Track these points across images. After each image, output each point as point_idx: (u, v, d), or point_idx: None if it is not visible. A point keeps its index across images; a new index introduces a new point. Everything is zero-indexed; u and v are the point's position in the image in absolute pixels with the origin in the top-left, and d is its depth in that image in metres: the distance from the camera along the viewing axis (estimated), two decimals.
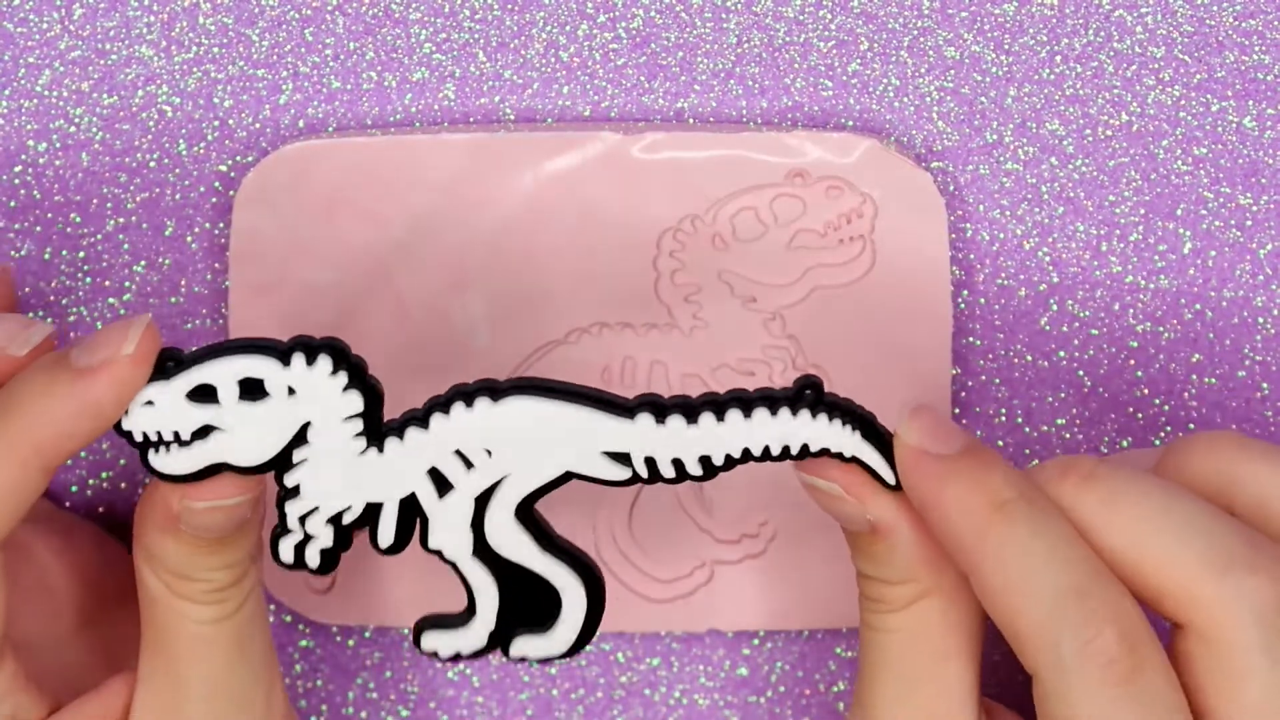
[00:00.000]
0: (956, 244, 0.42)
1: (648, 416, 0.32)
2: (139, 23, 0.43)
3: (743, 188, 0.41)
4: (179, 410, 0.32)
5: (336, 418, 0.32)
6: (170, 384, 0.32)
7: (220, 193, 0.43)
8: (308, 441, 0.32)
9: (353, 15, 0.43)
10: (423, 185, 0.41)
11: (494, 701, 0.43)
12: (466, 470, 0.33)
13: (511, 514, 0.33)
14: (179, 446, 0.32)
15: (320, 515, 0.33)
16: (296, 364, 0.32)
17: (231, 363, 0.32)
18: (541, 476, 0.33)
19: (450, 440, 0.32)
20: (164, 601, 0.34)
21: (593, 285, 0.41)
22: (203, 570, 0.34)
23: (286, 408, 0.32)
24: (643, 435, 0.32)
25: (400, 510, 0.33)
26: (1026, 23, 0.43)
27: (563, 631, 0.33)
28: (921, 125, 0.43)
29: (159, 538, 0.33)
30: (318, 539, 0.33)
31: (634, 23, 0.43)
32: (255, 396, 0.32)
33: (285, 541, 0.33)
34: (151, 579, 0.34)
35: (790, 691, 0.43)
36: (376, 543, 0.33)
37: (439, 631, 0.34)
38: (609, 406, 0.32)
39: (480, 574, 0.33)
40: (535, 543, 0.33)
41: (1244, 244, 0.43)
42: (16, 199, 0.43)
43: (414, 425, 0.32)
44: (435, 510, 0.33)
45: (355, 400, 0.32)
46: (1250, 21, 0.43)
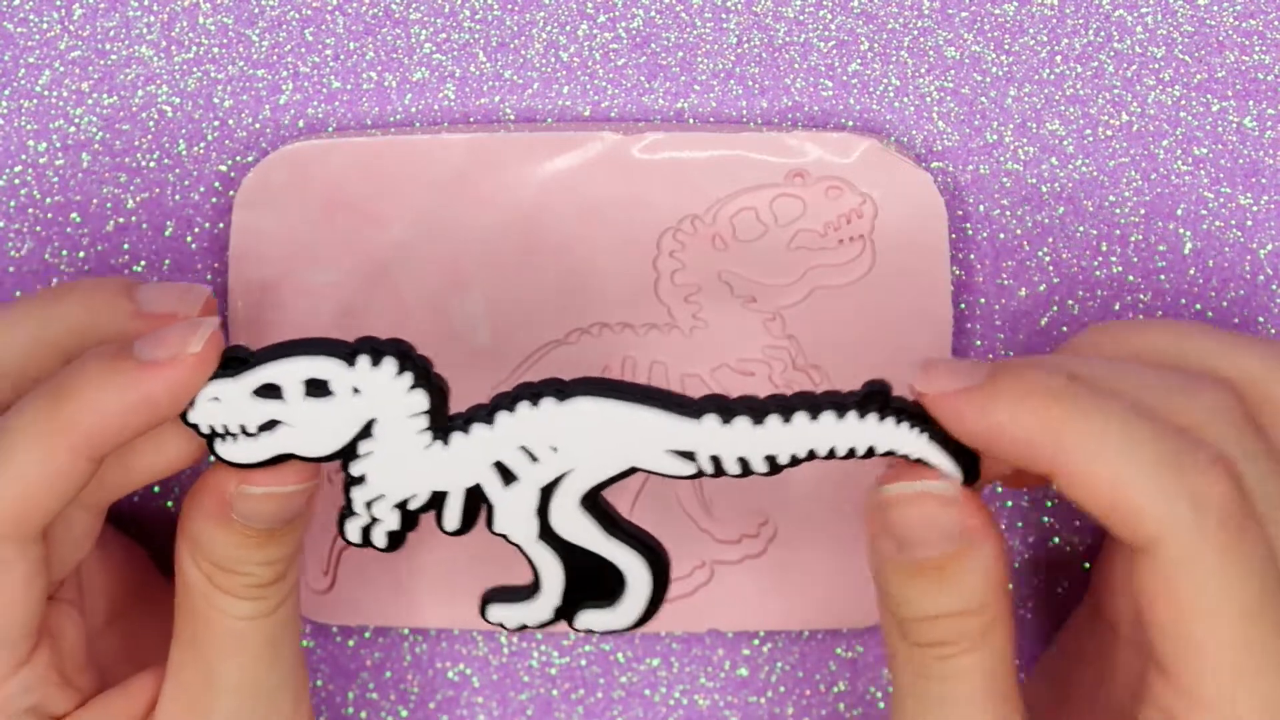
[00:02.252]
0: (956, 244, 0.42)
1: (714, 418, 0.32)
2: (139, 23, 0.43)
3: (743, 188, 0.41)
4: (245, 406, 0.32)
5: (402, 415, 0.33)
6: (236, 382, 0.32)
7: (220, 193, 0.43)
8: (373, 436, 0.33)
9: (353, 15, 0.43)
10: (423, 185, 0.41)
11: (494, 701, 0.43)
12: (531, 463, 0.33)
13: (577, 502, 0.33)
14: (246, 437, 0.33)
15: (386, 502, 0.33)
16: (361, 365, 0.32)
17: (296, 364, 0.32)
18: (606, 472, 0.33)
19: (516, 438, 0.33)
20: (202, 593, 0.34)
21: (593, 285, 0.41)
22: (246, 563, 0.33)
23: (351, 406, 0.32)
24: (709, 436, 0.32)
25: (466, 498, 0.33)
26: (1026, 23, 0.43)
27: (628, 606, 0.34)
28: (921, 125, 0.43)
29: (207, 525, 0.33)
30: (384, 522, 0.33)
31: (634, 23, 0.43)
32: (320, 394, 0.32)
33: (351, 523, 0.34)
34: (192, 569, 0.34)
35: (790, 692, 0.43)
36: (443, 525, 0.33)
37: (505, 604, 0.34)
38: (675, 406, 0.32)
39: (546, 556, 0.34)
40: (600, 528, 0.33)
41: (1244, 244, 0.43)
42: (16, 199, 0.43)
43: (479, 422, 0.33)
44: (500, 499, 0.33)
45: (421, 399, 0.32)
46: (1251, 21, 0.43)
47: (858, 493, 0.41)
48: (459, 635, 0.43)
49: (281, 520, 0.33)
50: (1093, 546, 0.43)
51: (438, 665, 0.43)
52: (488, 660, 0.42)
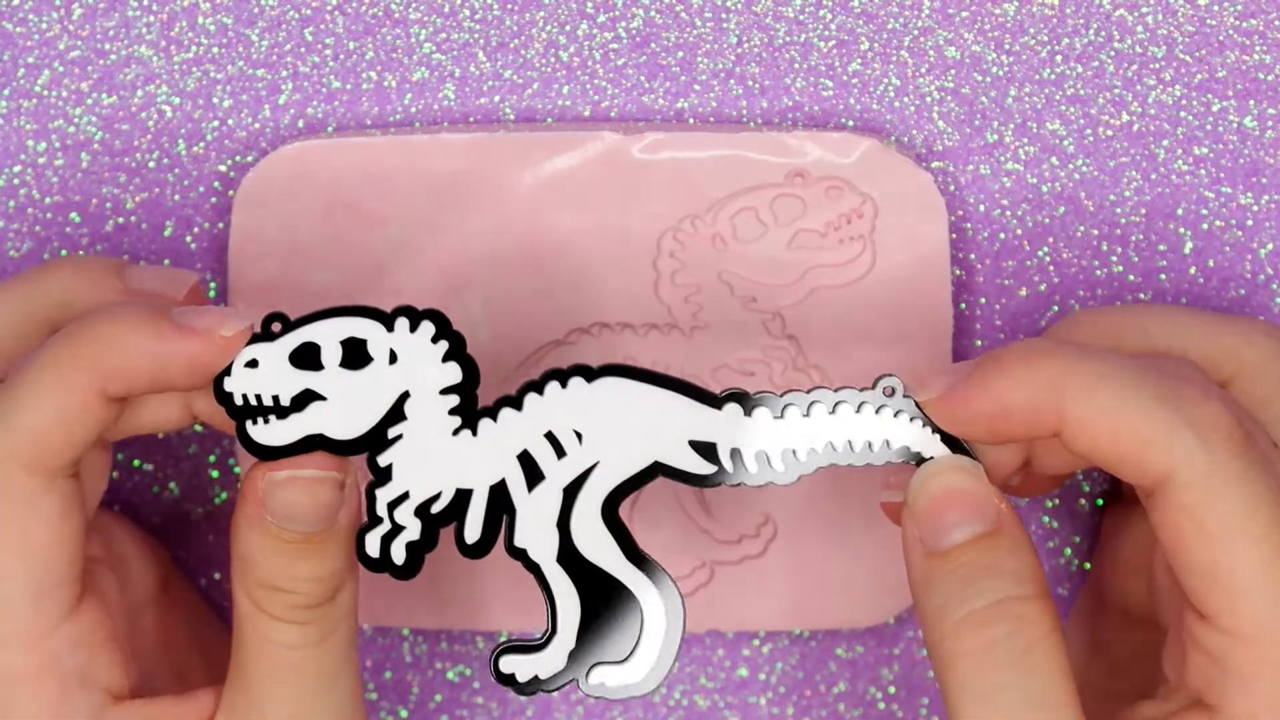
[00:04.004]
0: (956, 244, 0.42)
1: (735, 407, 0.33)
2: (138, 23, 0.43)
3: (743, 188, 0.41)
4: (281, 372, 0.33)
5: (434, 389, 0.33)
6: (276, 344, 0.33)
7: (220, 193, 0.43)
8: (404, 416, 0.33)
9: (352, 15, 0.43)
10: (423, 185, 0.41)
11: (494, 702, 0.43)
12: (557, 458, 0.33)
13: (598, 511, 0.33)
14: (277, 418, 0.33)
15: (410, 503, 0.33)
16: (400, 328, 0.33)
17: (337, 323, 0.33)
18: (630, 466, 0.33)
19: (543, 420, 0.33)
20: (251, 620, 0.34)
21: (592, 285, 0.41)
22: (289, 578, 0.33)
23: (386, 375, 0.33)
24: (729, 425, 0.33)
25: (489, 502, 0.33)
26: (1027, 23, 0.43)
27: (643, 657, 0.33)
28: (921, 125, 0.43)
29: (249, 534, 0.33)
30: (406, 531, 0.33)
31: (634, 23, 0.43)
32: (356, 366, 0.33)
33: (373, 534, 0.33)
34: (242, 597, 0.34)
35: (790, 692, 0.43)
36: (463, 539, 0.33)
37: (517, 655, 0.34)
38: (698, 396, 0.33)
39: (563, 582, 0.33)
40: (620, 548, 0.33)
41: (1244, 244, 0.43)
42: (16, 199, 0.43)
43: (507, 405, 0.33)
44: (524, 503, 0.33)
45: (454, 371, 0.33)
46: (1251, 21, 0.43)
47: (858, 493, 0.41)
48: (459, 635, 0.43)
49: (316, 518, 0.33)
50: (1093, 546, 0.43)
51: (438, 665, 0.43)
52: (488, 661, 0.42)
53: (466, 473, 0.33)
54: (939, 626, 0.32)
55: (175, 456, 0.43)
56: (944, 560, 0.32)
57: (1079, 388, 0.31)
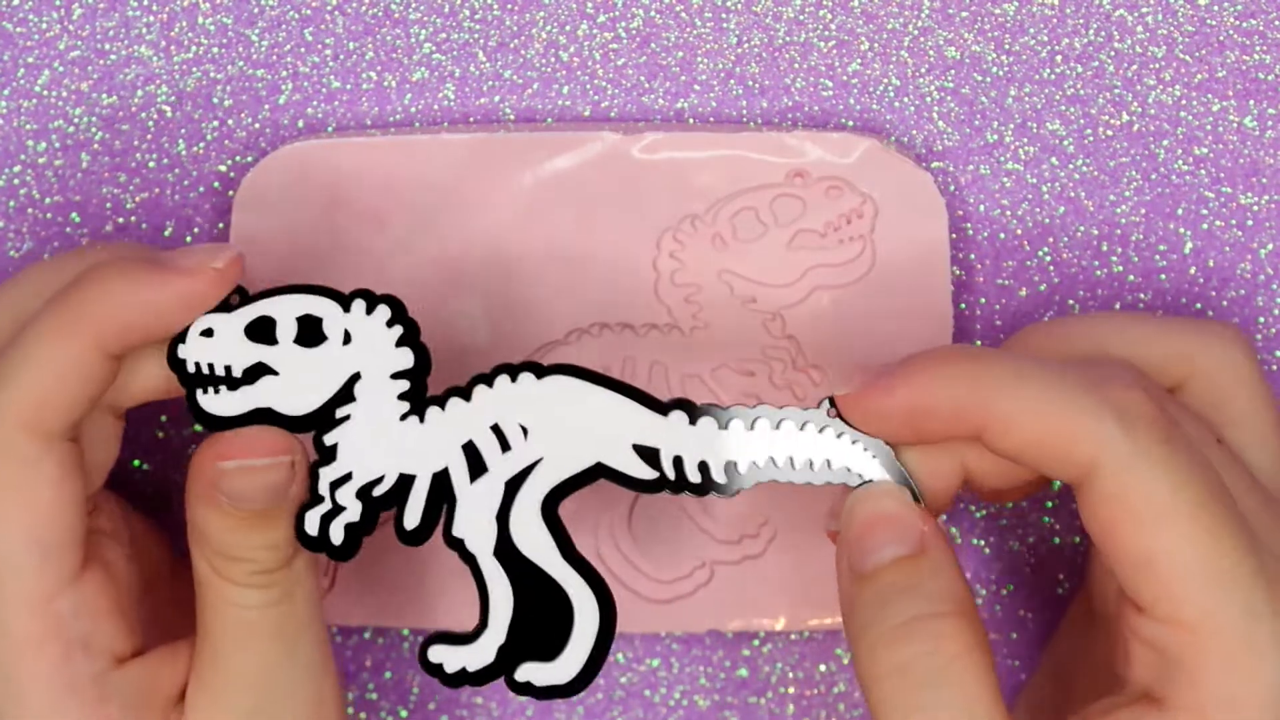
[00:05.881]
0: (956, 244, 0.42)
1: (680, 414, 0.33)
2: (138, 23, 0.43)
3: (743, 188, 0.41)
4: (236, 344, 0.33)
5: (385, 372, 0.33)
6: (232, 316, 0.33)
7: (219, 193, 0.43)
8: (354, 399, 0.33)
9: (352, 15, 0.43)
10: (423, 185, 0.41)
11: (494, 702, 0.43)
12: (501, 451, 0.33)
13: (538, 507, 0.33)
14: (227, 389, 0.33)
15: (352, 484, 0.33)
16: (356, 309, 0.33)
17: (295, 300, 0.33)
18: (573, 465, 0.33)
19: (490, 412, 0.33)
20: (210, 585, 0.34)
21: (593, 285, 0.41)
22: (245, 548, 0.33)
23: (339, 355, 0.33)
24: (673, 432, 0.33)
25: (430, 489, 0.33)
26: (1027, 23, 0.43)
27: (571, 657, 0.33)
28: (921, 125, 0.43)
29: (202, 510, 0.33)
30: (346, 512, 0.33)
31: (634, 23, 0.43)
32: (310, 344, 0.33)
33: (313, 513, 0.33)
34: (200, 562, 0.34)
35: (790, 692, 0.43)
36: (402, 525, 0.33)
37: (446, 645, 0.34)
38: (645, 401, 0.33)
39: (498, 575, 0.33)
40: (556, 547, 0.33)
41: (1244, 244, 0.43)
42: (16, 199, 0.43)
43: (456, 395, 0.33)
44: (465, 493, 0.33)
45: (406, 356, 0.33)
46: (1251, 21, 0.43)
47: None
48: None
49: (267, 499, 0.33)
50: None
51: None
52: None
53: (411, 458, 0.33)
54: (859, 648, 0.32)
55: (178, 457, 0.43)
56: (867, 582, 0.32)
57: (1001, 385, 0.31)
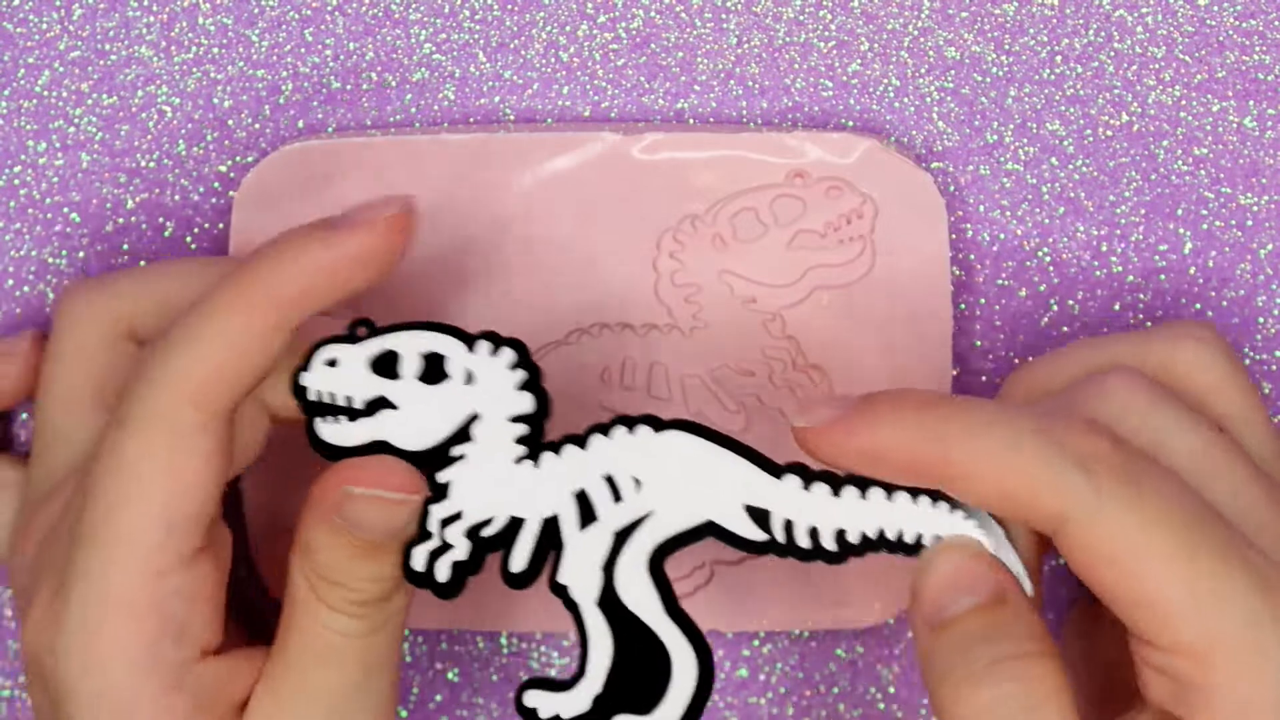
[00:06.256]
0: (956, 244, 0.42)
1: (795, 478, 0.33)
2: (138, 23, 0.43)
3: (743, 188, 0.41)
4: (359, 376, 0.33)
5: (504, 414, 0.33)
6: (358, 347, 0.33)
7: (220, 193, 0.43)
8: (470, 439, 0.33)
9: (352, 15, 0.43)
10: (423, 185, 0.41)
11: (494, 702, 0.43)
12: (613, 501, 0.33)
13: (645, 561, 0.33)
14: (347, 419, 0.33)
15: (461, 523, 0.33)
16: (481, 350, 0.33)
17: (420, 336, 0.33)
18: (683, 520, 0.33)
19: (605, 462, 0.33)
20: (304, 603, 0.34)
21: (593, 285, 0.41)
22: (350, 576, 0.33)
23: (460, 394, 0.33)
24: (786, 495, 0.33)
25: (539, 534, 0.33)
26: (1026, 23, 0.43)
27: (666, 710, 0.33)
28: (921, 125, 0.43)
29: (318, 530, 0.33)
30: (453, 550, 0.33)
31: (634, 23, 0.43)
32: (432, 381, 0.33)
33: (421, 548, 0.33)
34: (299, 579, 0.34)
35: (790, 692, 0.43)
36: (508, 567, 0.33)
37: (542, 691, 0.33)
38: (760, 462, 0.33)
39: (599, 625, 0.33)
40: (661, 602, 0.33)
41: (1244, 244, 0.43)
42: (16, 199, 0.43)
43: (572, 443, 0.33)
44: (573, 540, 0.33)
45: (526, 400, 0.33)
46: (1251, 21, 0.43)
47: None
48: (459, 635, 0.43)
49: (385, 532, 0.33)
50: None
51: (438, 665, 0.43)
52: (488, 660, 0.42)
53: (522, 502, 0.33)
54: (941, 694, 0.32)
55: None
56: (944, 631, 0.32)
57: (960, 436, 0.31)
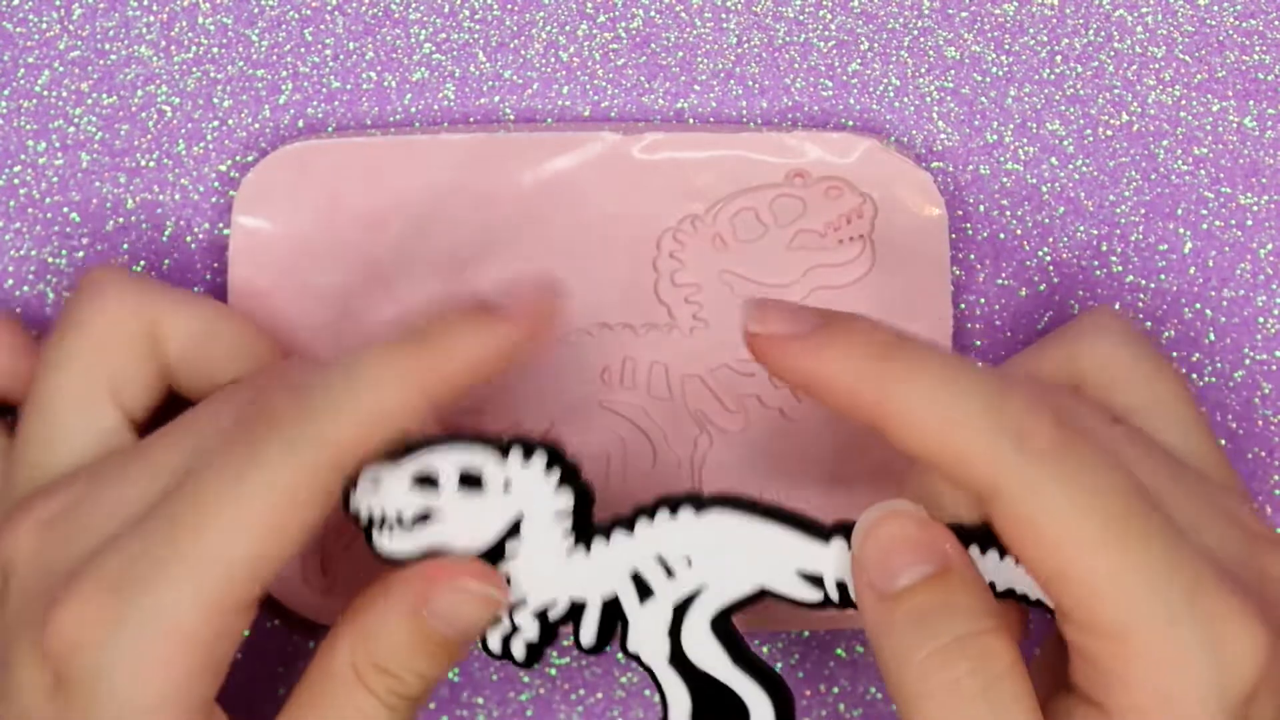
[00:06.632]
0: (956, 244, 0.42)
1: (842, 541, 0.33)
2: (138, 23, 0.43)
3: (743, 188, 0.41)
4: (402, 493, 0.33)
5: (548, 513, 0.34)
6: (398, 467, 0.33)
7: (220, 193, 0.43)
8: (520, 536, 0.34)
9: (352, 15, 0.43)
10: (423, 185, 0.41)
11: (494, 702, 0.43)
12: (667, 577, 0.34)
13: (708, 624, 0.34)
14: (401, 529, 0.33)
15: (527, 609, 0.34)
16: (513, 459, 0.33)
17: (454, 450, 0.33)
18: (738, 591, 0.34)
19: (653, 545, 0.34)
20: (344, 682, 0.33)
21: (593, 285, 0.41)
22: (405, 667, 0.33)
23: (502, 501, 0.33)
24: (837, 559, 0.33)
25: (603, 611, 0.34)
26: (1026, 23, 0.43)
27: None
28: (921, 125, 0.43)
29: (391, 616, 0.33)
30: (524, 631, 0.34)
31: (634, 23, 0.43)
32: (473, 487, 0.33)
33: (494, 633, 0.34)
34: (344, 659, 0.33)
35: None
36: (579, 640, 0.34)
37: None
38: (807, 528, 0.33)
39: (675, 682, 0.34)
40: (728, 655, 0.34)
41: (1244, 244, 0.43)
42: (16, 199, 0.43)
43: (620, 529, 0.34)
44: (636, 614, 0.34)
45: (567, 498, 0.33)
46: (1251, 21, 0.43)
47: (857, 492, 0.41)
48: None
49: (470, 628, 0.33)
50: None
51: None
52: (488, 661, 0.42)
53: (580, 587, 0.34)
54: (900, 669, 0.32)
55: None
56: (896, 603, 0.32)
57: (905, 390, 0.31)
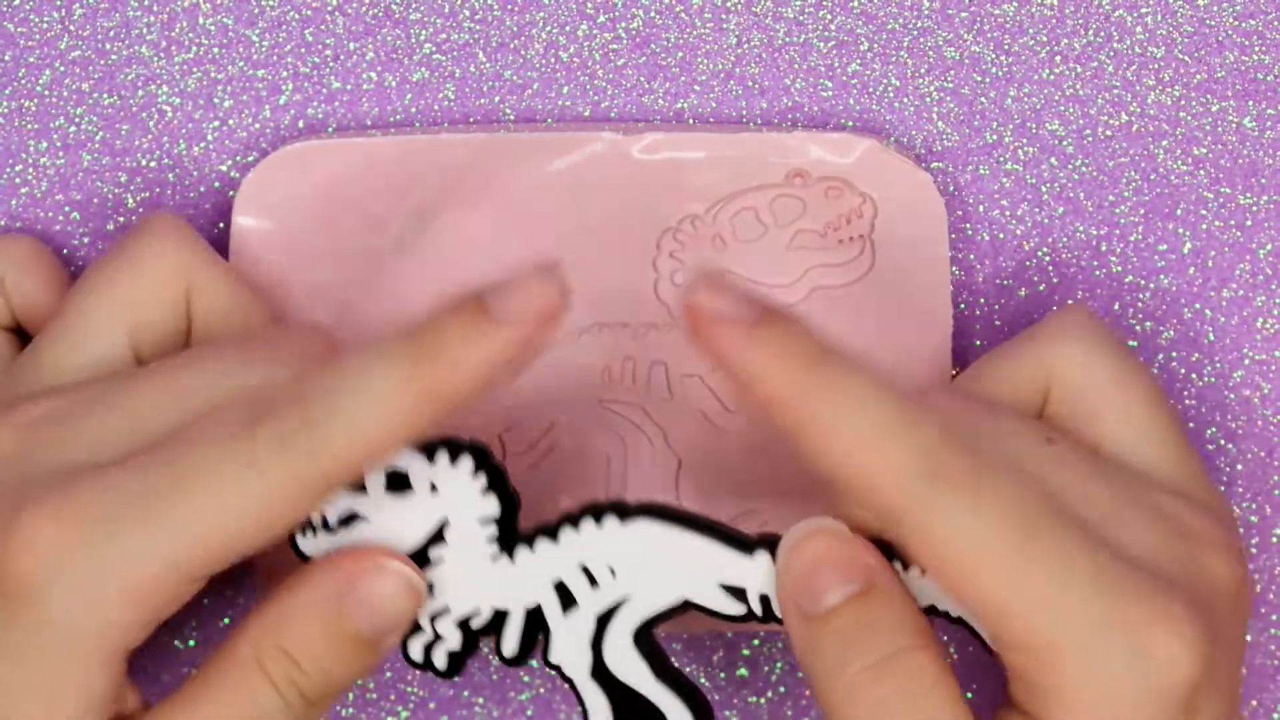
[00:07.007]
0: (956, 244, 0.42)
1: (765, 555, 0.33)
2: (139, 23, 0.43)
3: (743, 188, 0.41)
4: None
5: (473, 518, 0.34)
6: None
7: (220, 193, 0.43)
8: (445, 541, 0.34)
9: (352, 15, 0.43)
10: (423, 185, 0.41)
11: (494, 702, 0.43)
12: (591, 588, 0.34)
13: (630, 637, 0.34)
14: (325, 533, 0.33)
15: (450, 617, 0.34)
16: (440, 461, 0.33)
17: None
18: (661, 602, 0.34)
19: (577, 554, 0.34)
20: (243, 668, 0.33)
21: (593, 285, 0.41)
22: (312, 660, 0.32)
23: (428, 503, 0.33)
24: (759, 573, 0.33)
25: (525, 621, 0.34)
26: (1026, 23, 0.43)
27: None
28: (921, 125, 0.43)
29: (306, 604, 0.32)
30: (445, 641, 0.34)
31: (634, 23, 0.43)
32: (399, 490, 0.33)
33: (415, 640, 0.34)
34: (247, 647, 0.33)
35: (790, 691, 0.43)
36: (501, 651, 0.34)
37: None
38: (730, 541, 0.34)
39: (596, 696, 0.34)
40: (650, 669, 0.34)
41: (1244, 244, 0.43)
42: (17, 198, 0.43)
43: (544, 537, 0.34)
44: (559, 625, 0.34)
45: (492, 503, 0.33)
46: (1250, 22, 0.43)
47: None
48: None
49: (386, 625, 0.33)
50: None
51: None
52: (488, 661, 0.42)
53: (504, 596, 0.34)
54: (828, 688, 0.32)
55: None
56: (823, 624, 0.32)
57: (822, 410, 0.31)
